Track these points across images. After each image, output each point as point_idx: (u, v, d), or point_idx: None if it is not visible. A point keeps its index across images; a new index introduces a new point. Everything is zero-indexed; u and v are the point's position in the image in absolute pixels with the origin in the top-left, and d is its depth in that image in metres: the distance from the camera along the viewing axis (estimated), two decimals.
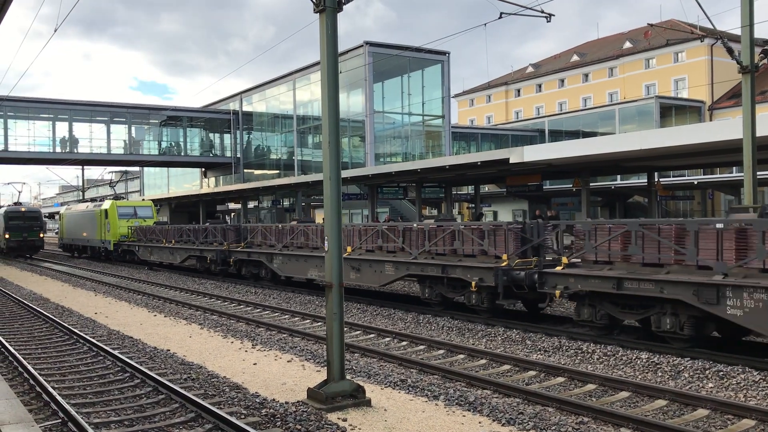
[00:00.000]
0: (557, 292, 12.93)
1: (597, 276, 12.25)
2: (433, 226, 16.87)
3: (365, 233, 18.85)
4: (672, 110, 52.46)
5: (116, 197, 45.33)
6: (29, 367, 10.83)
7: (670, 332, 11.43)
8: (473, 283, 14.61)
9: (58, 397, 8.92)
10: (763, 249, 10.11)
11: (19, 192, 57.17)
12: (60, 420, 8.28)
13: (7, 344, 12.93)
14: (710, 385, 9.65)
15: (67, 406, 8.49)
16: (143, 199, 52.55)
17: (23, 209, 47.97)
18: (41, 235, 47.24)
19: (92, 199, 51.84)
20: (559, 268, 13.16)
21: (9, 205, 50.32)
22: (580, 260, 13.31)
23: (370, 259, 17.98)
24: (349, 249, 18.98)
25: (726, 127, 20.05)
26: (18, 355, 11.79)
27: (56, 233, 79.08)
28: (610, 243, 12.48)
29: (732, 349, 11.39)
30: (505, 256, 14.33)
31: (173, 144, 51.98)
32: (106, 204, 39.94)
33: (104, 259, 40.86)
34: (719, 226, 10.89)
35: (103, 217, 39.30)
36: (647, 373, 10.48)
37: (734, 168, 35.97)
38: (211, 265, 27.07)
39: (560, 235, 14.50)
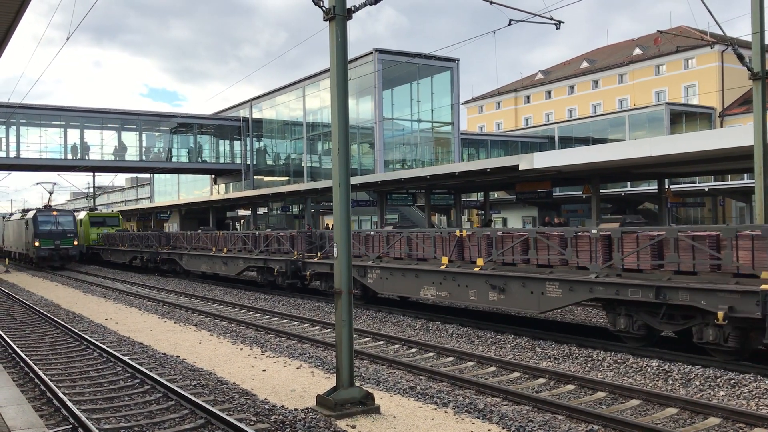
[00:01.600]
0: (308, 273, 21.40)
1: (321, 263, 20.91)
2: (268, 233, 24.93)
3: (231, 238, 27.29)
4: (682, 117, 52.27)
5: (91, 209, 51.25)
6: (40, 372, 10.89)
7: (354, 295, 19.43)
8: (275, 270, 23.12)
9: (69, 403, 8.96)
10: (388, 246, 18.10)
11: (50, 193, 50.23)
12: (70, 426, 8.32)
13: (18, 350, 13.00)
14: (722, 393, 9.59)
15: (78, 412, 8.53)
16: (111, 211, 59.19)
17: (55, 212, 42.42)
18: (76, 243, 41.88)
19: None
20: (315, 260, 21.29)
21: (38, 208, 44.71)
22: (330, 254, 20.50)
23: (232, 256, 26.34)
24: (225, 250, 27.33)
25: (737, 134, 19.92)
26: (29, 361, 11.86)
27: None
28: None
29: (744, 357, 11.33)
30: (296, 253, 22.60)
31: (159, 150, 52.01)
32: (81, 214, 47.61)
33: (79, 260, 46.17)
34: (372, 233, 19.21)
35: (78, 225, 45.15)
36: (658, 380, 10.42)
37: (745, 175, 35.77)
38: (147, 263, 35.41)
39: (322, 239, 21.79)
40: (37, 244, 40.17)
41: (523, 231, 14.80)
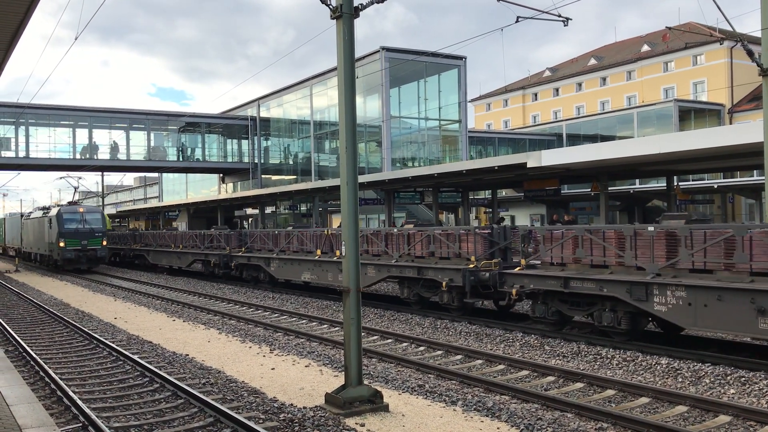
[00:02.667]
0: (233, 264, 27.28)
1: (242, 255, 26.67)
2: (210, 233, 30.70)
3: (185, 237, 33.61)
4: (691, 113, 51.96)
5: None
6: (50, 371, 10.95)
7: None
8: (212, 262, 28.84)
9: (79, 402, 9.00)
10: (287, 242, 23.78)
11: (75, 188, 44.82)
12: (81, 424, 8.36)
13: (28, 349, 13.08)
14: (732, 391, 9.54)
15: (88, 410, 8.57)
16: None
17: (81, 209, 38.24)
18: (104, 243, 37.89)
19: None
20: (239, 253, 26.97)
21: (63, 205, 40.71)
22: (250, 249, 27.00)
23: (184, 251, 32.62)
24: (180, 246, 33.05)
25: (746, 130, 19.80)
26: (39, 360, 11.92)
27: None
28: (260, 239, 25.99)
29: (754, 354, 11.31)
30: (228, 248, 28.28)
31: (167, 149, 51.95)
32: None
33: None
34: (277, 232, 25.09)
35: None
36: (667, 378, 10.38)
37: (755, 171, 35.56)
38: (123, 258, 42.45)
39: (246, 237, 27.44)
40: (61, 244, 36.17)
41: (362, 231, 20.45)
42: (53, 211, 38.56)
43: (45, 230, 39.42)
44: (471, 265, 15.43)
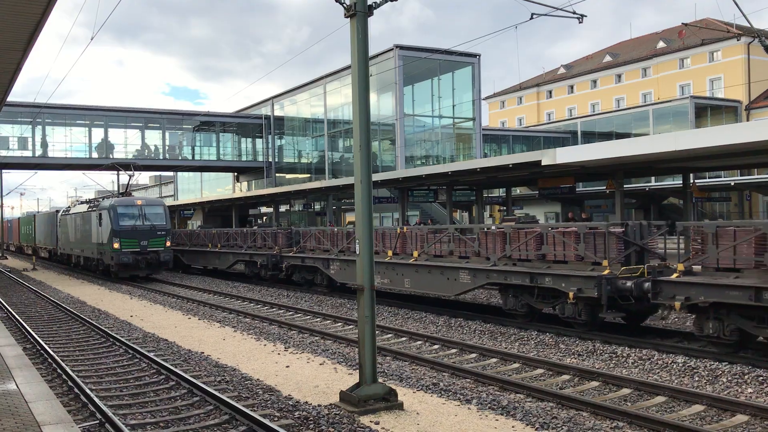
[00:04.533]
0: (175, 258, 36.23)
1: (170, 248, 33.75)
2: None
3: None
4: (707, 110, 51.52)
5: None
6: (68, 369, 11.05)
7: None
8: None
9: (96, 399, 9.08)
10: (195, 237, 35.92)
11: (130, 176, 35.81)
12: (98, 421, 8.44)
13: (46, 347, 13.21)
14: (749, 390, 9.46)
15: (105, 408, 8.64)
16: None
17: (140, 201, 31.14)
18: (168, 244, 30.84)
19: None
20: (168, 244, 33.36)
21: (117, 196, 33.77)
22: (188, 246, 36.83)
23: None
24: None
25: (763, 127, 19.60)
26: (57, 357, 12.03)
27: None
28: (180, 236, 37.90)
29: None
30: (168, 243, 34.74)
31: (181, 147, 52.26)
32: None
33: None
34: (193, 231, 38.29)
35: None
36: (683, 377, 10.31)
37: None
38: None
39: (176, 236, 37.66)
40: (116, 245, 29.33)
41: (220, 230, 32.71)
42: (105, 204, 31.26)
43: (92, 228, 32.27)
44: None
